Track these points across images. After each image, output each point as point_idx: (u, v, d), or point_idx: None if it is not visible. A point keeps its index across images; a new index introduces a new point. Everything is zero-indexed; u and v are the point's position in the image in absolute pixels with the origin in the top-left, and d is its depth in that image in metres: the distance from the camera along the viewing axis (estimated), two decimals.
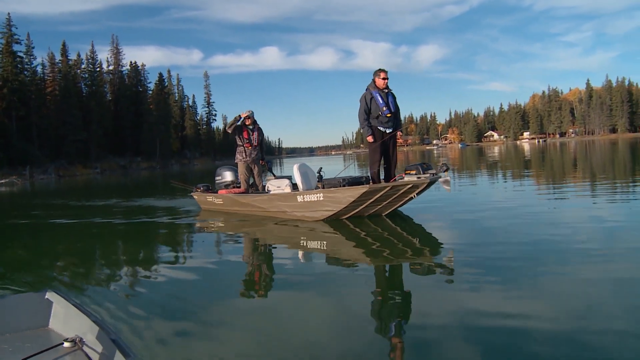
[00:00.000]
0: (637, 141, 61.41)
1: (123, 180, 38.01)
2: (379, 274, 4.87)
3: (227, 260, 5.88)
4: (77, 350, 2.17)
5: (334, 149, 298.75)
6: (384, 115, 7.88)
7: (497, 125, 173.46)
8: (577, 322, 3.18)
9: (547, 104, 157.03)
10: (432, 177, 7.26)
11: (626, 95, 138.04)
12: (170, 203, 13.18)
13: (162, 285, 4.80)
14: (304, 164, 8.81)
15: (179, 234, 8.31)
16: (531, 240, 5.83)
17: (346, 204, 7.61)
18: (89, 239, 8.37)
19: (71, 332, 2.32)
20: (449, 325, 3.25)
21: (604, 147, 44.22)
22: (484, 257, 5.03)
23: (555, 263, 4.64)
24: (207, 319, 3.70)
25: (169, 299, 4.26)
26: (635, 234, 5.99)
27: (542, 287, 3.99)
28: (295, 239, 7.12)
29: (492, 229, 6.82)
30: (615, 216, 7.31)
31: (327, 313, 3.69)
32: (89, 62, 74.04)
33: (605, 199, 9.38)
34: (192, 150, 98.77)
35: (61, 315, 2.52)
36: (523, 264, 4.67)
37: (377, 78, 7.97)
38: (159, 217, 10.15)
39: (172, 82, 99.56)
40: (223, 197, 10.06)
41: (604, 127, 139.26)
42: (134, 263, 6.06)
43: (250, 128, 9.84)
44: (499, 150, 61.60)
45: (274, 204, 8.77)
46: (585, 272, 4.30)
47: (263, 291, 4.49)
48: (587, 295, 3.71)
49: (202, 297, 4.25)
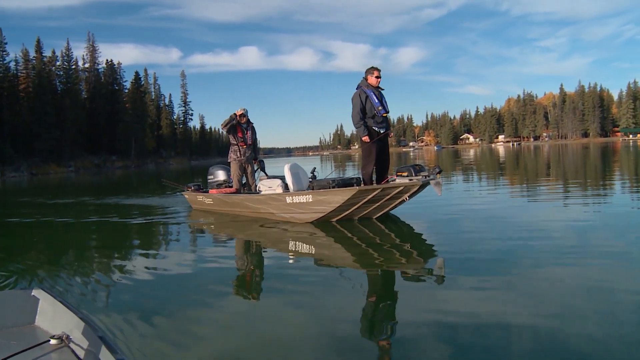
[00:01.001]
0: (608, 145, 62.79)
1: (98, 179, 37.51)
2: (364, 278, 4.82)
3: (213, 261, 5.81)
4: (63, 348, 2.15)
5: (311, 149, 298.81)
6: (380, 115, 7.68)
7: (473, 128, 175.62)
8: (552, 323, 3.25)
9: (522, 107, 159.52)
10: (424, 180, 7.04)
11: (598, 101, 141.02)
12: (152, 202, 13.04)
13: (149, 283, 4.82)
14: (296, 164, 8.62)
15: (166, 234, 8.21)
16: (507, 242, 5.96)
17: (335, 206, 7.42)
18: (70, 237, 8.28)
19: (58, 329, 2.30)
20: (426, 326, 3.31)
21: (576, 151, 45.18)
22: (468, 259, 5.12)
23: (529, 265, 4.78)
24: (192, 317, 3.73)
25: (156, 297, 4.30)
26: (604, 234, 6.25)
27: (517, 288, 4.11)
28: (281, 241, 6.98)
29: (470, 231, 6.86)
30: (587, 217, 7.59)
31: (308, 316, 3.68)
32: (64, 59, 72.87)
33: (577, 200, 9.73)
34: (168, 149, 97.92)
35: (48, 312, 2.50)
36: (499, 266, 4.80)
37: (371, 76, 7.76)
38: (147, 217, 9.97)
39: (148, 81, 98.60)
40: (213, 197, 9.88)
41: (576, 131, 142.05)
42: (120, 262, 6.02)
43: (244, 126, 9.64)
44: (475, 153, 62.39)
45: (263, 204, 8.56)
46: (559, 274, 4.41)
47: (246, 293, 4.48)
48: (562, 296, 3.81)
49: (187, 296, 4.28)
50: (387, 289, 4.49)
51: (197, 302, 4.10)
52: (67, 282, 4.99)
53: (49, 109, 63.25)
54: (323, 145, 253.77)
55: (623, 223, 6.91)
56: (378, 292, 4.36)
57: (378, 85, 7.81)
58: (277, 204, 8.21)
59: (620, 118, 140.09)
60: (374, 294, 4.25)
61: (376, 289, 4.46)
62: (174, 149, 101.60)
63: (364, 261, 5.43)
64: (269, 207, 8.41)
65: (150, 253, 6.55)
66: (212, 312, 3.86)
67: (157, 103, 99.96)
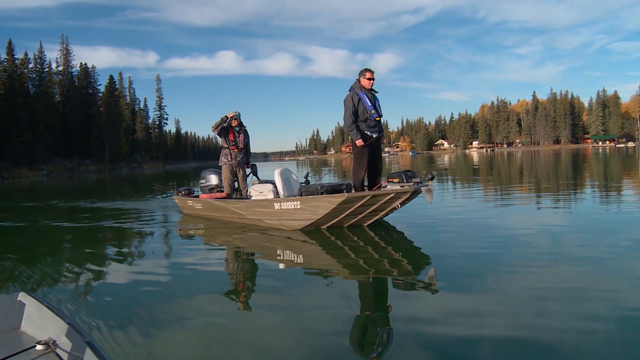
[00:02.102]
0: (579, 152, 64.02)
1: (71, 183, 36.93)
2: (351, 287, 4.68)
3: (197, 268, 5.73)
4: (49, 353, 2.12)
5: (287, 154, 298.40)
6: (372, 119, 7.42)
7: (448, 134, 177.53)
8: (527, 328, 3.33)
9: (496, 114, 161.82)
10: (416, 187, 6.76)
11: (569, 108, 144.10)
12: (139, 206, 12.85)
13: (135, 288, 4.83)
14: (287, 169, 8.43)
15: (153, 239, 8.03)
16: (483, 247, 6.06)
17: (324, 213, 7.17)
18: (57, 242, 8.17)
19: (44, 334, 2.28)
20: (410, 334, 3.35)
21: (548, 157, 46.00)
22: (446, 265, 5.22)
23: (505, 270, 4.89)
24: (178, 323, 3.75)
25: (142, 302, 4.29)
26: (576, 238, 6.47)
27: (494, 292, 4.23)
28: (268, 248, 6.85)
29: (447, 237, 6.92)
30: (560, 222, 7.83)
31: (292, 325, 3.66)
32: (37, 61, 71.66)
33: (550, 205, 10.14)
34: (143, 153, 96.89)
35: (34, 317, 2.46)
36: (476, 271, 4.89)
37: (363, 78, 7.48)
38: (131, 222, 9.82)
39: (123, 85, 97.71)
40: (202, 201, 9.68)
41: (548, 137, 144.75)
42: (107, 267, 5.96)
43: (236, 130, 9.44)
44: (449, 158, 63.01)
45: (251, 210, 8.31)
46: (534, 279, 4.56)
47: (231, 300, 4.44)
48: (536, 301, 3.91)
49: (173, 302, 4.27)
50: (370, 298, 4.46)
51: (183, 308, 4.11)
52: (52, 286, 4.97)
53: (20, 112, 61.95)
54: (299, 151, 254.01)
55: (595, 227, 7.16)
56: (363, 302, 4.28)
57: (371, 88, 7.57)
58: (265, 210, 8.00)
59: (590, 125, 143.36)
60: (359, 304, 4.20)
61: (362, 299, 4.37)
62: (149, 153, 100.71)
63: (352, 270, 5.30)
64: (257, 213, 8.20)
65: (135, 258, 6.51)
66: (199, 318, 3.86)
67: (132, 107, 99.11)
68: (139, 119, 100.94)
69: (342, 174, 24.87)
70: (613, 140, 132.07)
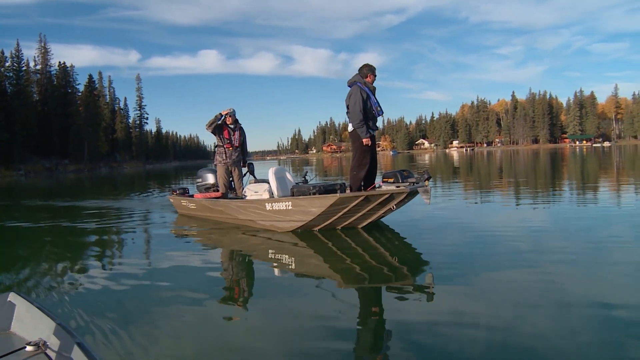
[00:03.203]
0: (557, 151, 64.99)
1: (49, 182, 36.47)
2: (341, 292, 4.54)
3: (186, 269, 5.64)
4: (40, 354, 2.08)
5: (269, 154, 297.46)
6: (377, 117, 7.18)
7: (428, 133, 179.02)
8: (507, 325, 3.44)
9: (476, 114, 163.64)
10: (412, 187, 6.49)
11: (547, 108, 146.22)
12: (128, 205, 12.64)
13: (125, 288, 4.82)
14: (282, 168, 8.23)
15: (144, 239, 8.01)
16: (464, 245, 6.17)
17: (315, 214, 6.87)
18: (42, 242, 8.01)
19: (34, 335, 2.24)
20: (396, 340, 3.36)
21: (527, 157, 46.66)
22: (430, 262, 5.25)
23: (487, 268, 5.00)
24: (170, 322, 3.77)
25: (133, 302, 4.31)
26: (554, 236, 6.69)
27: (474, 289, 4.33)
28: (258, 250, 6.64)
29: (428, 237, 6.96)
30: (539, 220, 8.01)
31: (281, 330, 3.60)
32: (14, 60, 70.56)
33: (530, 203, 10.40)
34: (123, 153, 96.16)
35: (24, 318, 2.42)
36: (458, 269, 4.99)
37: (371, 75, 7.17)
38: (122, 222, 9.75)
39: (103, 84, 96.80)
40: (196, 201, 9.45)
41: (527, 137, 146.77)
42: (97, 267, 5.89)
43: (231, 127, 9.21)
44: (430, 158, 63.41)
45: (243, 211, 8.04)
46: (515, 277, 4.68)
47: (221, 303, 4.37)
48: (517, 298, 4.03)
49: (164, 302, 4.30)
50: (360, 304, 4.29)
51: (172, 308, 4.13)
52: (43, 287, 4.95)
53: None
54: (281, 150, 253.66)
55: (572, 225, 7.36)
56: (353, 308, 4.12)
57: None
58: (257, 210, 7.72)
59: (568, 125, 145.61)
60: (349, 309, 4.05)
61: (351, 305, 4.20)
62: (129, 153, 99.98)
63: (343, 274, 5.15)
64: (249, 214, 7.94)
65: (125, 258, 6.48)
66: (188, 318, 3.87)
67: (112, 106, 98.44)
68: (119, 119, 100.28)
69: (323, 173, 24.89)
70: (590, 140, 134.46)
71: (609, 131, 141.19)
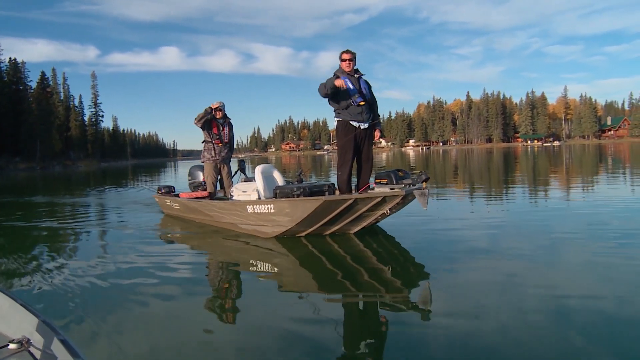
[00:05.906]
0: (510, 150, 66.83)
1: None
2: (325, 306, 4.13)
3: (170, 268, 5.51)
4: (23, 352, 2.05)
5: None
6: (356, 104, 6.42)
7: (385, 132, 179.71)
8: (468, 321, 3.53)
9: (432, 113, 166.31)
10: (407, 190, 5.87)
11: (500, 108, 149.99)
12: None
13: (109, 286, 4.81)
14: (270, 166, 7.61)
15: (126, 239, 7.54)
16: (423, 244, 6.23)
17: (299, 219, 6.14)
18: (25, 239, 7.96)
19: (17, 332, 2.21)
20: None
21: (481, 155, 47.92)
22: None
23: (445, 267, 5.08)
24: (153, 320, 3.83)
25: (116, 300, 4.34)
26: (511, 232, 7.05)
27: (433, 287, 4.45)
28: (237, 259, 6.10)
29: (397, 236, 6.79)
30: (495, 218, 8.28)
31: (253, 344, 3.39)
32: None
33: (485, 201, 11.04)
34: (77, 151, 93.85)
35: (6, 315, 2.36)
36: (417, 269, 5.14)
37: (342, 61, 6.53)
38: (99, 221, 9.51)
39: (57, 81, 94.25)
40: (179, 201, 8.86)
41: (481, 136, 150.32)
42: (80, 264, 5.75)
43: (220, 122, 8.70)
44: (386, 156, 63.77)
45: (225, 213, 7.37)
46: (473, 275, 4.81)
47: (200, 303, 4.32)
48: (477, 295, 4.15)
49: (147, 300, 4.33)
50: (344, 318, 3.90)
51: (155, 306, 4.18)
52: (25, 283, 4.96)
53: None
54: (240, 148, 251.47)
55: (527, 223, 7.62)
56: (337, 322, 3.73)
57: (356, 70, 6.67)
58: (238, 213, 7.02)
59: (520, 125, 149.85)
60: (332, 323, 3.70)
61: (335, 319, 3.80)
62: (84, 151, 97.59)
63: (329, 285, 4.75)
64: (230, 217, 7.27)
65: (108, 256, 6.27)
66: (171, 316, 3.91)
67: (66, 104, 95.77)
68: (74, 116, 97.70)
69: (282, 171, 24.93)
70: (541, 140, 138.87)
71: (559, 131, 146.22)
